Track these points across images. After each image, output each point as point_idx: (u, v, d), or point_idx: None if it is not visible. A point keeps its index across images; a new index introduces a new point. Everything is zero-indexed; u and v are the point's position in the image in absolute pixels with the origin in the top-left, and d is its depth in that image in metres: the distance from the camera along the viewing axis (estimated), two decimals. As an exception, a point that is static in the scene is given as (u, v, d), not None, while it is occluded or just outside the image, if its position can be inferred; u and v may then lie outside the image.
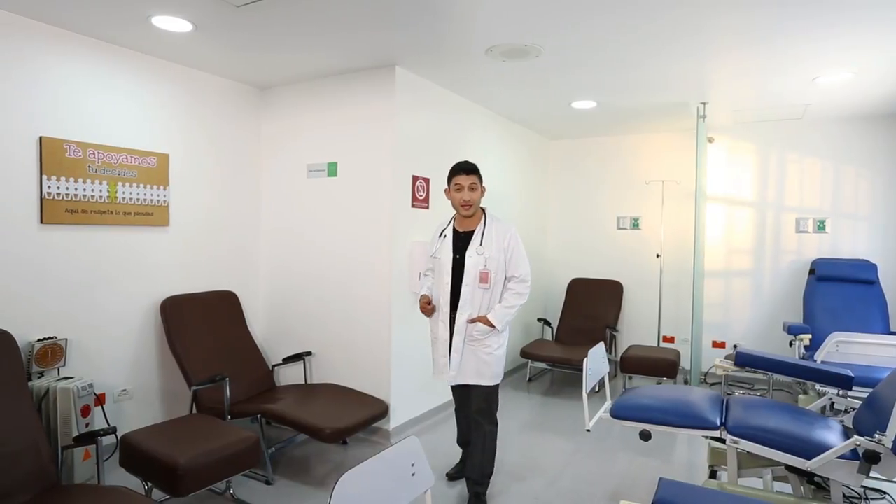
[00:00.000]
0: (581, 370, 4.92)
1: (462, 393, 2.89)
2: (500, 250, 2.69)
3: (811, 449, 2.02)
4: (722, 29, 2.81)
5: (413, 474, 1.55)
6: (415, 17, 2.70)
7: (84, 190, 2.98)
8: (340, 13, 2.66)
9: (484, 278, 2.66)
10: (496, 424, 2.77)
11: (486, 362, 2.70)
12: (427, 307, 2.80)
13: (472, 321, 2.67)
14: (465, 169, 2.73)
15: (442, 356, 2.76)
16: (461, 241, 2.75)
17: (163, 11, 2.64)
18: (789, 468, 2.31)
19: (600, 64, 3.37)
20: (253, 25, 2.81)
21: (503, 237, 2.71)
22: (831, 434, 2.11)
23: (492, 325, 2.66)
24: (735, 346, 5.02)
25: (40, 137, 2.81)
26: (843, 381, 2.53)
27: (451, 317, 2.72)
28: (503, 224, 2.78)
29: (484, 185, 2.79)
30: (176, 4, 2.56)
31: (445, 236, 2.81)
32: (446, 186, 2.81)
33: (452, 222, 2.85)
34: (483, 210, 2.80)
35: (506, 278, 2.72)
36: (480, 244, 2.69)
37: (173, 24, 2.79)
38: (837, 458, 1.95)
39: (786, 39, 2.93)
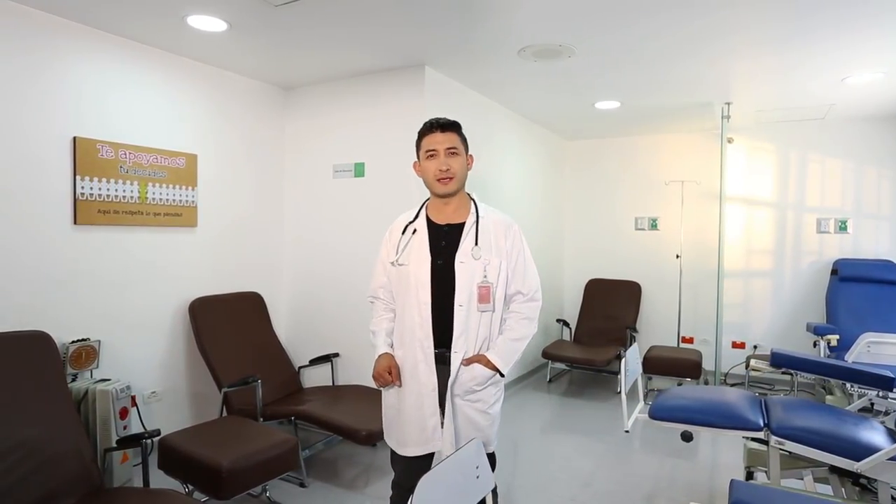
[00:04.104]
0: (601, 371, 4.99)
1: (424, 465, 1.82)
2: (502, 254, 1.88)
3: (859, 450, 2.01)
4: (757, 32, 2.81)
5: (478, 476, 1.55)
6: (450, 16, 2.69)
7: (116, 190, 2.97)
8: (377, 13, 2.65)
9: (484, 296, 1.83)
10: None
11: (479, 425, 1.88)
12: (387, 376, 1.88)
13: (467, 362, 1.85)
14: (439, 125, 1.89)
15: (430, 415, 1.85)
16: (442, 239, 1.90)
17: (200, 11, 2.63)
18: (832, 469, 2.30)
19: (630, 65, 3.36)
20: (288, 25, 2.80)
21: (504, 236, 1.91)
22: (878, 435, 2.10)
23: (495, 369, 1.85)
24: (755, 347, 5.02)
25: (74, 138, 2.79)
26: (885, 383, 2.52)
27: (437, 355, 1.86)
28: (502, 217, 1.96)
29: (471, 153, 1.97)
30: (214, 3, 2.55)
31: (415, 231, 1.94)
32: (415, 159, 1.97)
33: (423, 210, 1.99)
34: (470, 196, 1.98)
35: (506, 296, 1.92)
36: (476, 243, 1.86)
37: (208, 23, 2.77)
38: (887, 459, 1.95)
39: (821, 43, 2.92)
